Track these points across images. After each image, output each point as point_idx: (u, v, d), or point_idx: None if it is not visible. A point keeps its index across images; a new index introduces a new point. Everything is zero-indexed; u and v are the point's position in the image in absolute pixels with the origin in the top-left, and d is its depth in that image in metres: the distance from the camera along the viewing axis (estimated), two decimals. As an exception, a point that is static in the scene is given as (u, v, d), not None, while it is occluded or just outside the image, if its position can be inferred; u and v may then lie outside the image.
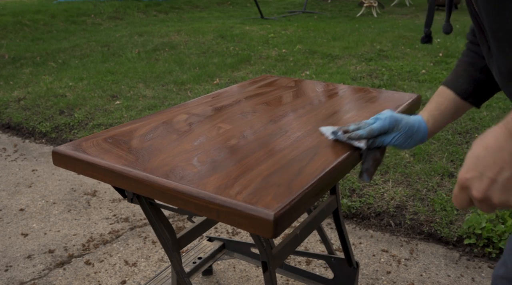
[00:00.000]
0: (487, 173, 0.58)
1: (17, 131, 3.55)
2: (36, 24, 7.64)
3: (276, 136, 1.00)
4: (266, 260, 1.03)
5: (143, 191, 0.83)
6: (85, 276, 1.86)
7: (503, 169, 0.57)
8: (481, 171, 0.59)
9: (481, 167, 0.59)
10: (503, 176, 0.57)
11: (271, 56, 5.17)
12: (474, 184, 0.60)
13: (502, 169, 0.57)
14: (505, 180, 0.57)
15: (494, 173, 0.58)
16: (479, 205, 0.61)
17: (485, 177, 0.59)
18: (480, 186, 0.59)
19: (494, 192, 0.58)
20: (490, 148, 0.58)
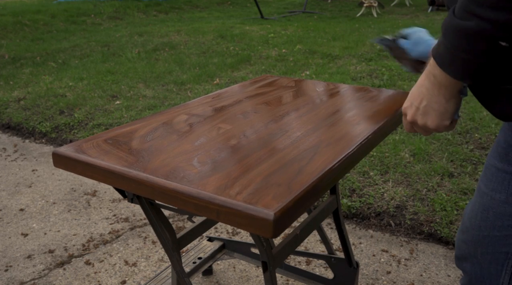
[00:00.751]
0: (414, 103, 0.81)
1: (17, 131, 3.55)
2: (36, 24, 7.64)
3: (276, 136, 1.00)
4: (266, 260, 1.03)
5: (143, 192, 0.83)
6: (85, 276, 1.86)
7: (422, 100, 0.79)
8: (411, 101, 0.82)
9: (411, 99, 0.82)
10: (422, 104, 0.80)
11: (271, 56, 5.17)
12: (408, 111, 0.84)
13: (422, 100, 0.79)
14: (423, 108, 0.80)
15: (417, 103, 0.80)
16: (410, 126, 0.85)
17: (413, 106, 0.82)
18: (410, 112, 0.83)
19: (417, 117, 0.81)
20: (418, 84, 0.80)
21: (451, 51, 0.68)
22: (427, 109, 0.79)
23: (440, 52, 0.71)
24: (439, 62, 0.72)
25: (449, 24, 0.67)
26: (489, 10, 0.60)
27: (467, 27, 0.63)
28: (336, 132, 1.02)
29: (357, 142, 0.96)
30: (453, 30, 0.66)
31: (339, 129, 1.04)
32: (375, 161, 2.57)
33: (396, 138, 2.83)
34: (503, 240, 0.90)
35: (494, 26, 0.60)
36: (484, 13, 0.60)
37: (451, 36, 0.67)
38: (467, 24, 0.63)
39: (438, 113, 0.78)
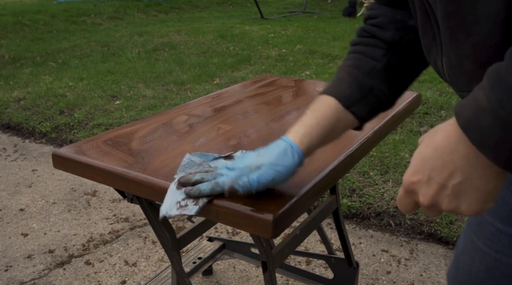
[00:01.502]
0: (435, 178, 0.51)
1: (17, 131, 3.55)
2: (36, 24, 7.64)
3: (276, 135, 1.00)
4: (266, 260, 1.03)
5: (143, 193, 0.83)
6: (85, 276, 1.86)
7: (454, 174, 0.50)
8: (429, 175, 0.52)
9: (429, 170, 0.52)
10: (453, 181, 0.50)
11: (271, 56, 5.17)
12: (421, 188, 0.53)
13: (452, 174, 0.50)
14: (455, 186, 0.50)
15: (444, 178, 0.51)
16: (426, 210, 0.55)
17: (434, 182, 0.52)
18: (428, 191, 0.53)
19: (442, 199, 0.52)
20: (440, 149, 0.51)
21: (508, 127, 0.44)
22: (464, 188, 0.50)
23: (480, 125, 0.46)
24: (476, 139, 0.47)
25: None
26: None
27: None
28: (336, 132, 1.02)
29: (357, 142, 0.96)
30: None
31: (339, 129, 1.04)
32: (375, 161, 2.57)
33: (396, 138, 2.83)
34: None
35: None
36: None
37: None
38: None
39: (482, 193, 0.50)
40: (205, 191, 0.72)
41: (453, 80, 0.63)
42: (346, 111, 0.74)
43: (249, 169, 0.70)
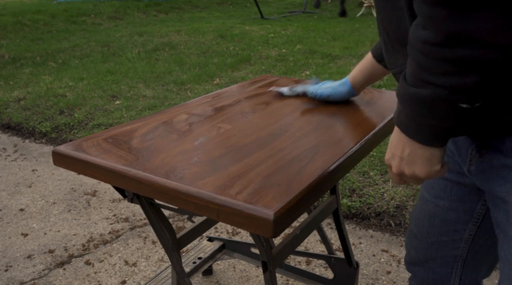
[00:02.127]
0: (396, 153, 0.73)
1: (17, 131, 3.55)
2: (36, 24, 7.64)
3: (276, 136, 1.00)
4: (266, 260, 1.03)
5: (143, 191, 0.83)
6: (85, 276, 1.86)
7: (404, 148, 0.71)
8: (393, 152, 0.74)
9: (392, 149, 0.74)
10: (405, 153, 0.71)
11: (271, 56, 5.17)
12: (392, 162, 0.75)
13: (404, 148, 0.71)
14: (407, 156, 0.71)
15: (400, 152, 0.72)
16: (399, 178, 0.76)
17: (396, 156, 0.74)
18: (394, 163, 0.74)
19: (403, 167, 0.73)
20: (395, 133, 0.73)
21: (414, 119, 0.65)
22: (412, 157, 0.71)
23: (402, 121, 0.68)
24: (404, 131, 0.69)
25: (404, 93, 0.64)
26: (442, 76, 0.58)
27: (424, 96, 0.61)
28: (336, 132, 1.02)
29: (357, 143, 0.96)
30: (410, 99, 0.63)
31: (339, 129, 1.04)
32: (375, 161, 2.57)
33: (396, 138, 2.83)
34: (451, 244, 0.94)
35: (451, 91, 0.58)
36: (438, 80, 0.58)
37: (409, 104, 0.64)
38: (424, 92, 0.61)
39: (424, 159, 0.70)
40: (296, 90, 1.30)
41: (387, 60, 0.84)
42: (379, 64, 1.10)
43: (318, 87, 1.23)
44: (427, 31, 0.57)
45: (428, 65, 0.59)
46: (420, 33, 0.59)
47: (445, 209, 0.92)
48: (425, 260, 1.00)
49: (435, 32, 0.56)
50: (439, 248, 0.96)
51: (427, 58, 0.58)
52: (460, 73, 0.56)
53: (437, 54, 0.57)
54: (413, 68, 0.62)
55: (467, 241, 0.93)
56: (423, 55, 0.59)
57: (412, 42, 0.61)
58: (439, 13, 0.55)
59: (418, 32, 0.59)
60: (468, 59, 0.55)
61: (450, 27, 0.54)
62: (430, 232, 0.96)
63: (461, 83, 0.57)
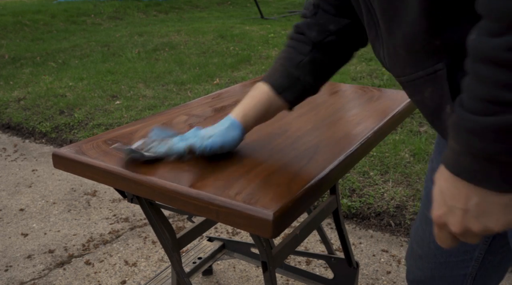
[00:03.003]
0: (457, 204, 0.55)
1: (17, 131, 3.55)
2: (36, 24, 7.63)
3: (275, 136, 1.00)
4: (266, 260, 1.03)
5: (143, 192, 0.83)
6: (85, 276, 1.86)
7: (470, 196, 0.54)
8: (450, 205, 0.56)
9: (448, 200, 0.56)
10: (472, 202, 0.54)
11: (271, 56, 5.17)
12: (449, 219, 0.57)
13: (469, 196, 0.54)
14: (476, 206, 0.54)
15: (463, 202, 0.55)
16: (463, 239, 0.59)
17: (456, 209, 0.56)
18: (455, 219, 0.56)
19: (470, 222, 0.55)
20: (449, 181, 0.56)
21: (486, 160, 0.50)
22: (483, 207, 0.53)
23: (465, 166, 0.53)
24: (469, 178, 0.53)
25: (469, 126, 0.50)
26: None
27: (506, 123, 0.47)
28: (336, 132, 1.02)
29: (357, 142, 0.96)
30: (482, 132, 0.48)
31: (339, 129, 1.04)
32: (375, 161, 2.57)
33: (396, 138, 2.83)
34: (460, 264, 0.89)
35: None
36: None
37: (479, 141, 0.49)
38: (505, 119, 0.47)
39: (502, 207, 0.53)
40: (161, 151, 0.87)
41: (391, 68, 0.74)
42: (278, 96, 0.90)
43: (202, 138, 0.86)
44: (505, 37, 0.45)
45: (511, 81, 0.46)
46: (492, 42, 0.46)
47: None
48: (432, 279, 0.94)
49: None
50: (448, 268, 0.90)
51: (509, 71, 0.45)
52: None
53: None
54: (484, 89, 0.48)
55: (477, 259, 0.88)
56: (502, 69, 0.46)
57: (479, 56, 0.48)
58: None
59: (488, 41, 0.46)
60: None
61: None
62: (437, 254, 0.90)
63: None
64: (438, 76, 0.64)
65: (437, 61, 0.63)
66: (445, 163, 0.55)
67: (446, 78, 0.63)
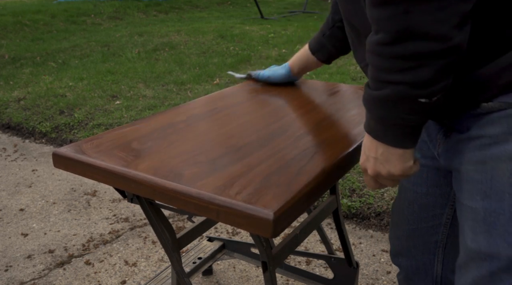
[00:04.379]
0: (370, 154, 0.74)
1: (17, 131, 3.55)
2: (36, 24, 7.64)
3: (276, 135, 1.00)
4: (266, 260, 1.03)
5: (143, 192, 0.83)
6: (85, 276, 1.86)
7: (377, 148, 0.73)
8: (367, 154, 0.75)
9: (366, 151, 0.76)
10: (379, 152, 0.73)
11: (271, 56, 5.17)
12: (367, 165, 0.76)
13: (377, 148, 0.73)
14: (381, 155, 0.73)
15: (373, 152, 0.74)
16: (374, 181, 0.78)
17: (371, 158, 0.75)
18: (370, 164, 0.76)
19: (379, 167, 0.74)
20: (367, 137, 0.75)
21: (381, 122, 0.69)
22: (386, 156, 0.73)
23: (371, 126, 0.72)
24: (374, 136, 0.72)
25: (369, 98, 0.68)
26: (398, 74, 0.62)
27: (385, 95, 0.64)
28: (336, 132, 1.02)
29: (357, 142, 0.96)
30: (374, 102, 0.67)
31: (339, 129, 1.04)
32: (375, 161, 2.57)
33: (396, 138, 2.83)
34: (430, 230, 0.97)
35: (409, 86, 0.62)
36: (395, 78, 0.62)
37: (374, 108, 0.68)
38: (384, 93, 0.64)
39: (398, 156, 0.72)
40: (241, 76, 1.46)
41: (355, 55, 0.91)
42: (313, 55, 1.26)
43: (260, 71, 1.41)
44: (379, 34, 0.62)
45: (385, 65, 0.63)
46: (373, 37, 0.63)
47: (423, 194, 0.96)
48: (407, 249, 1.02)
49: (385, 33, 0.61)
50: (420, 235, 0.99)
51: (382, 59, 0.63)
52: (414, 68, 0.60)
53: (390, 53, 0.61)
54: (373, 72, 0.66)
55: (445, 225, 0.96)
56: (378, 57, 0.63)
57: (368, 48, 0.65)
58: (384, 14, 0.59)
59: (372, 37, 0.64)
60: (418, 53, 0.59)
61: (397, 26, 0.59)
62: (410, 219, 0.99)
63: (417, 77, 0.61)
64: None
65: None
66: (364, 126, 0.75)
67: None
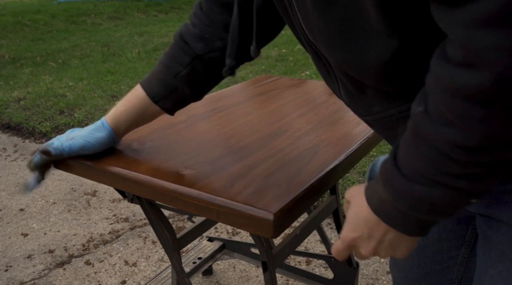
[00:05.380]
0: (375, 235, 0.60)
1: (17, 131, 3.55)
2: (36, 24, 7.63)
3: (276, 136, 1.00)
4: (266, 260, 1.03)
5: (143, 193, 0.83)
6: (85, 276, 1.86)
7: (388, 231, 0.59)
8: (368, 233, 0.60)
9: (367, 229, 0.60)
10: (389, 237, 0.59)
11: (271, 56, 5.17)
12: (362, 243, 0.62)
13: (388, 231, 0.59)
14: (389, 241, 0.60)
15: (381, 235, 0.60)
16: (363, 258, 0.64)
17: (373, 239, 0.60)
18: (369, 246, 0.61)
19: (381, 250, 0.62)
20: (371, 214, 0.60)
21: (405, 215, 0.56)
22: (395, 242, 0.60)
23: (387, 212, 0.57)
24: (387, 220, 0.58)
25: (402, 188, 0.53)
26: (463, 180, 0.50)
27: (432, 196, 0.52)
28: (336, 132, 1.02)
29: (357, 142, 0.96)
30: (411, 196, 0.53)
31: (339, 128, 1.04)
32: (375, 161, 2.57)
33: (396, 138, 2.83)
34: (445, 270, 0.90)
35: (468, 194, 0.51)
36: (458, 183, 0.50)
37: (406, 201, 0.54)
38: (433, 193, 0.52)
39: (409, 243, 0.61)
40: (37, 160, 0.90)
41: (352, 107, 0.71)
42: (154, 104, 0.87)
43: (65, 138, 0.88)
44: (454, 130, 0.46)
45: (451, 169, 0.49)
46: (443, 130, 0.47)
47: (435, 240, 0.87)
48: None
49: (469, 135, 0.45)
50: (434, 276, 0.91)
51: (450, 161, 0.48)
52: (484, 176, 0.49)
53: (466, 158, 0.47)
54: (423, 165, 0.51)
55: (461, 263, 0.89)
56: (445, 157, 0.48)
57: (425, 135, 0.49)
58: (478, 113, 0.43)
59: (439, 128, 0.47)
60: (499, 162, 0.48)
61: (489, 130, 0.44)
62: (421, 264, 0.91)
63: (483, 186, 0.51)
64: None
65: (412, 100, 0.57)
66: (369, 200, 0.59)
67: None
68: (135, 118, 0.89)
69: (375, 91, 0.62)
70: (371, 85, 0.61)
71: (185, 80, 0.86)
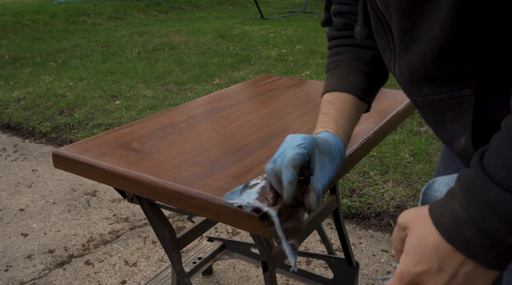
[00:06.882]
0: (447, 267, 0.48)
1: (17, 131, 3.55)
2: (36, 24, 7.63)
3: (276, 136, 1.00)
4: (266, 260, 1.03)
5: (143, 192, 0.83)
6: (85, 276, 1.86)
7: (463, 265, 0.48)
8: (438, 266, 0.49)
9: (439, 259, 0.49)
10: (464, 270, 0.48)
11: (271, 56, 5.17)
12: (430, 279, 0.50)
13: (464, 262, 0.48)
14: (464, 274, 0.48)
15: (454, 268, 0.48)
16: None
17: (445, 272, 0.49)
18: (438, 282, 0.49)
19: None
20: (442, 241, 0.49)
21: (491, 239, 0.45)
22: (471, 276, 0.48)
23: (466, 236, 0.47)
24: (463, 249, 0.47)
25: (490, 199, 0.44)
26: None
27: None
28: (336, 132, 1.02)
29: (357, 142, 0.96)
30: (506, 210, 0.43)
31: (339, 129, 1.04)
32: (375, 161, 2.57)
33: (396, 138, 2.83)
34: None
35: None
36: None
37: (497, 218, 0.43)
38: None
39: (487, 277, 0.49)
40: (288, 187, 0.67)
41: (403, 86, 0.66)
42: (362, 102, 0.81)
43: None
44: None
45: None
46: None
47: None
48: None
49: None
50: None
51: None
52: None
53: None
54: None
55: None
56: None
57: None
58: None
59: None
60: None
61: None
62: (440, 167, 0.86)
63: None
64: (464, 102, 0.56)
65: (465, 86, 0.55)
66: (438, 223, 0.48)
67: (472, 106, 0.55)
68: (354, 124, 0.82)
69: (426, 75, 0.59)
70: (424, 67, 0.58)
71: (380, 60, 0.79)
